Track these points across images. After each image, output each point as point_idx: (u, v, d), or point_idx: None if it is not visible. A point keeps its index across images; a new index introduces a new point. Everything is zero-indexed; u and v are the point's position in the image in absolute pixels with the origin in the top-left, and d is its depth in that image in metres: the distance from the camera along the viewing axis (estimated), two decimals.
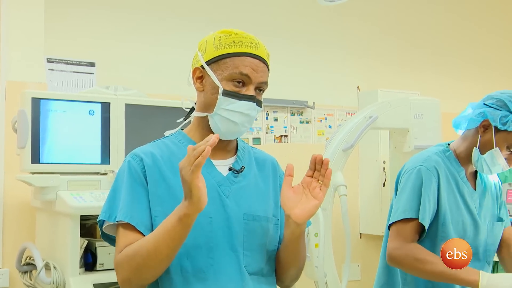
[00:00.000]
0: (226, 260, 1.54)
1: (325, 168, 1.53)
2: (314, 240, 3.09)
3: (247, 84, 1.58)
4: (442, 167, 2.15)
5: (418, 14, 4.91)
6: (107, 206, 1.56)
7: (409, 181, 2.14)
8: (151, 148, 1.62)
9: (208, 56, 1.60)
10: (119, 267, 1.50)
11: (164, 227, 1.44)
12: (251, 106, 1.58)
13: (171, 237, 1.43)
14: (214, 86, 1.57)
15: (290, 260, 1.64)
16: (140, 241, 1.48)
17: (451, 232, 2.12)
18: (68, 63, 3.32)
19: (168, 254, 1.45)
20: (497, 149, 2.10)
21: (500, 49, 5.35)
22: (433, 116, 3.60)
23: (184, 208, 1.40)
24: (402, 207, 2.11)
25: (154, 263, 1.45)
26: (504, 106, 2.11)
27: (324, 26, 4.41)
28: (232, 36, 1.59)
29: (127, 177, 1.56)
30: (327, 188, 1.53)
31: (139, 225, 1.51)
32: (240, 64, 1.57)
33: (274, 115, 4.16)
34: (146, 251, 1.45)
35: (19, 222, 3.04)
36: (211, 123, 1.60)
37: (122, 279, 1.51)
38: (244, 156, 1.68)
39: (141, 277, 1.48)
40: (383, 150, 4.24)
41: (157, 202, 1.54)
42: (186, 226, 1.42)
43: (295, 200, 1.52)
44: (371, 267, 4.31)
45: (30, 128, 2.60)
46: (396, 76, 4.69)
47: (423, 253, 2.06)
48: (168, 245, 1.43)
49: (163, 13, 3.78)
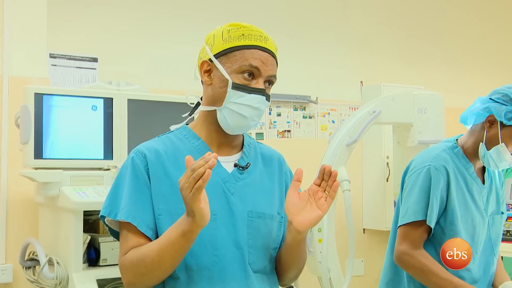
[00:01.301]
0: (230, 258, 1.53)
1: (332, 180, 1.51)
2: (318, 236, 3.08)
3: (257, 77, 1.57)
4: (451, 164, 2.14)
5: (422, 8, 4.89)
6: (108, 201, 1.56)
7: (418, 181, 2.13)
8: (155, 143, 1.60)
9: (217, 49, 1.58)
10: (124, 271, 1.51)
11: (167, 239, 1.44)
12: (261, 99, 1.57)
13: (175, 249, 1.43)
14: (223, 79, 1.56)
15: (290, 263, 1.63)
16: (145, 249, 1.47)
17: (460, 229, 2.11)
18: (71, 58, 3.32)
19: (172, 264, 1.46)
20: (503, 145, 2.09)
21: (504, 43, 5.33)
22: (437, 111, 3.59)
23: (188, 224, 1.40)
24: (412, 209, 2.11)
25: (158, 272, 1.47)
26: (509, 101, 2.09)
27: (327, 21, 4.40)
28: (241, 29, 1.58)
29: (130, 175, 1.55)
30: (332, 200, 1.50)
31: (141, 225, 1.50)
32: (250, 56, 1.55)
33: (277, 110, 4.15)
34: (150, 261, 1.45)
35: (22, 217, 3.04)
36: (219, 117, 1.58)
37: (127, 282, 1.52)
38: (250, 152, 1.67)
39: (146, 283, 1.50)
40: (387, 145, 4.23)
41: (161, 200, 1.53)
42: (190, 241, 1.43)
43: (299, 207, 1.50)
44: (375, 263, 4.32)
45: (33, 123, 2.60)
46: (400, 71, 4.68)
47: (428, 263, 2.08)
48: (172, 256, 1.44)
49: (166, 9, 3.77)
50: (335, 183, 1.50)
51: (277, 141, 4.08)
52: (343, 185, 3.16)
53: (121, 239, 1.54)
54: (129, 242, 1.51)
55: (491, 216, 2.23)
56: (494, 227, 2.24)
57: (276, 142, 4.04)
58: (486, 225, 2.19)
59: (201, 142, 1.61)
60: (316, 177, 1.53)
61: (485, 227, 2.19)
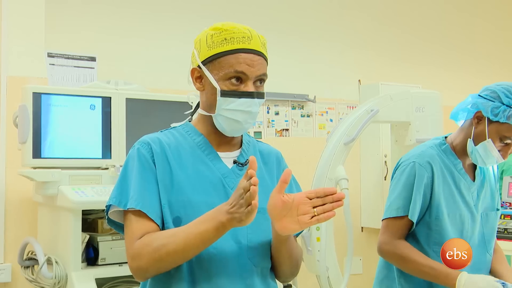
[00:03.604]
0: (230, 252, 1.54)
1: (335, 199, 1.42)
2: (316, 234, 3.09)
3: (245, 81, 1.56)
4: (437, 161, 2.16)
5: (420, 7, 4.90)
6: (117, 192, 1.56)
7: (403, 177, 2.17)
8: (158, 135, 1.62)
9: (203, 56, 1.58)
10: (138, 255, 1.48)
11: (197, 229, 1.44)
12: (251, 102, 1.56)
13: (203, 241, 1.44)
14: (213, 87, 1.56)
15: (280, 259, 1.63)
16: (167, 236, 1.47)
17: (447, 225, 2.13)
18: (69, 57, 3.32)
19: (194, 254, 1.47)
20: (490, 141, 2.10)
21: (501, 42, 5.34)
22: (435, 109, 3.60)
23: (227, 222, 1.40)
24: (395, 204, 2.16)
25: (179, 259, 1.47)
26: (497, 97, 2.10)
27: (325, 20, 4.40)
28: (223, 33, 1.57)
29: (137, 164, 1.55)
30: (322, 222, 1.43)
31: (151, 213, 1.51)
32: (235, 62, 1.54)
33: (275, 109, 4.16)
34: (173, 248, 1.44)
35: (21, 217, 3.04)
36: (215, 122, 1.60)
37: (138, 267, 1.49)
38: (249, 150, 1.68)
39: (160, 269, 1.49)
40: (385, 144, 4.23)
41: (163, 189, 1.54)
42: (221, 235, 1.44)
43: (280, 212, 1.45)
44: (373, 261, 4.31)
45: (31, 123, 2.60)
46: (397, 69, 4.68)
47: (408, 251, 2.12)
48: (198, 247, 1.45)
49: (164, 7, 3.77)
50: (335, 203, 1.42)
51: (275, 140, 4.09)
52: (341, 183, 3.17)
53: (130, 225, 1.52)
54: (143, 228, 1.50)
55: (485, 212, 2.24)
56: (488, 224, 2.25)
57: (274, 141, 4.04)
58: (477, 222, 2.21)
59: (202, 138, 1.63)
60: (313, 190, 1.45)
61: (476, 224, 2.20)
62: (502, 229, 3.46)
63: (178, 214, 1.53)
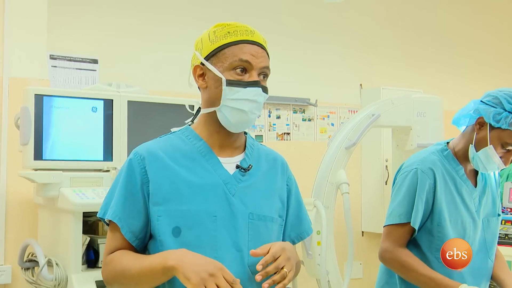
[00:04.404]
0: (230, 260, 1.53)
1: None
2: (316, 238, 3.09)
3: (249, 70, 1.56)
4: (439, 167, 2.15)
5: (421, 11, 4.90)
6: (104, 202, 1.60)
7: (405, 183, 2.16)
8: (155, 144, 1.61)
9: (206, 52, 1.59)
10: (104, 270, 1.57)
11: (150, 264, 1.47)
12: (257, 91, 1.56)
13: (154, 279, 1.48)
14: (217, 79, 1.56)
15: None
16: (128, 262, 1.51)
17: (449, 231, 2.12)
18: (71, 60, 3.32)
19: (148, 287, 1.53)
20: (491, 147, 2.09)
21: (503, 47, 5.34)
22: (436, 114, 3.60)
23: (173, 270, 1.43)
24: (397, 211, 2.15)
25: (135, 287, 1.54)
26: (499, 103, 2.10)
27: (327, 24, 4.41)
28: (226, 27, 1.59)
29: (123, 177, 1.57)
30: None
31: (124, 228, 1.54)
32: (239, 51, 1.55)
33: (277, 113, 4.16)
34: (129, 276, 1.50)
35: (21, 218, 3.04)
36: (219, 116, 1.58)
37: (105, 278, 1.59)
38: (252, 154, 1.66)
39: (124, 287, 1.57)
40: (386, 148, 4.24)
41: (161, 201, 1.53)
42: (169, 278, 1.47)
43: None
44: (373, 265, 4.31)
45: (33, 124, 2.60)
46: (399, 74, 4.69)
47: (409, 260, 2.12)
48: (149, 282, 1.50)
49: (166, 11, 3.78)
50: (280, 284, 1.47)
51: (276, 144, 4.09)
52: (342, 188, 3.17)
53: (108, 236, 1.58)
54: (114, 242, 1.55)
55: (486, 218, 2.24)
56: (489, 230, 2.25)
57: (275, 145, 4.05)
58: (478, 227, 2.20)
59: (203, 143, 1.61)
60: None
61: (478, 229, 2.20)
62: (503, 234, 3.45)
63: (177, 224, 1.52)
